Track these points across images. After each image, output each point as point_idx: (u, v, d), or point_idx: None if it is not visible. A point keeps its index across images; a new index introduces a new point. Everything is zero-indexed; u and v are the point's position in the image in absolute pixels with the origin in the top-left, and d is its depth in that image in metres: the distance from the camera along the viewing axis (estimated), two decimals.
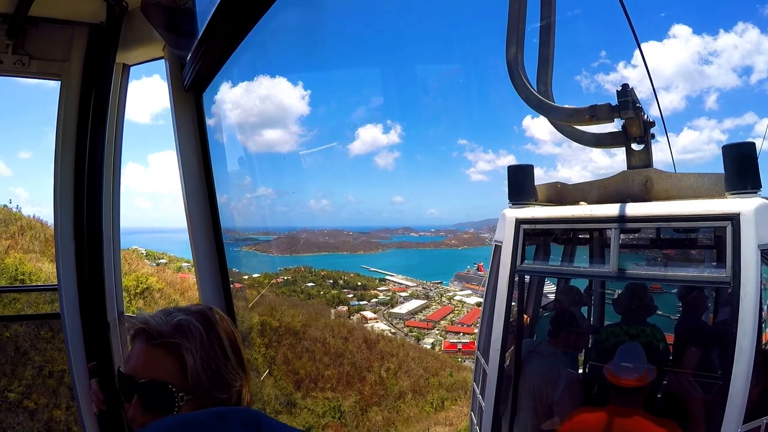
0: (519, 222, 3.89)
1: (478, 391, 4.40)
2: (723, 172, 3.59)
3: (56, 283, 3.96)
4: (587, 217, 3.67)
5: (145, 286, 27.39)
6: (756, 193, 3.22)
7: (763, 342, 3.79)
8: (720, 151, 3.45)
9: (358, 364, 32.01)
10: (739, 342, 2.97)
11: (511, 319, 4.00)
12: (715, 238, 4.04)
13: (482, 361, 4.27)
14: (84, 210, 3.66)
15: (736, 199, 3.21)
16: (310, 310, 36.83)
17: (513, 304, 4.00)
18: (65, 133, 3.94)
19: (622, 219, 3.44)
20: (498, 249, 4.08)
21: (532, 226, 3.88)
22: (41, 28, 3.91)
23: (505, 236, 3.94)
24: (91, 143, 3.75)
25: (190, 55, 3.57)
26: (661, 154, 4.16)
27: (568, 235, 4.63)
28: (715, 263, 3.84)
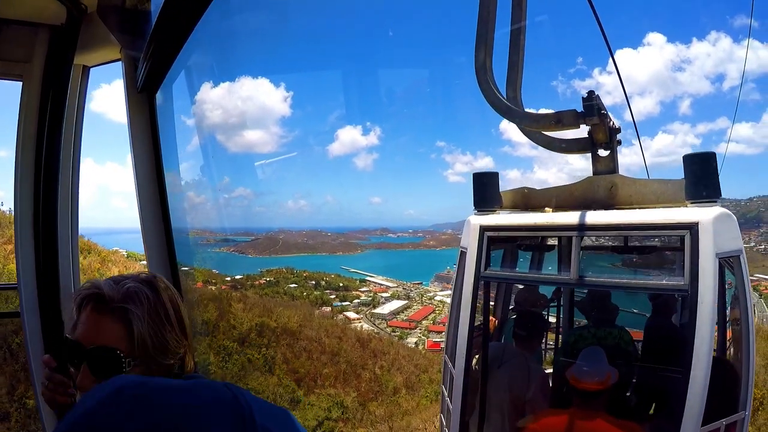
0: (483, 229, 3.90)
1: (446, 394, 4.43)
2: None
3: (16, 282, 4.01)
4: (548, 224, 3.71)
5: None
6: (715, 202, 3.26)
7: (727, 343, 3.89)
8: None
9: (354, 362, 32.97)
10: (697, 347, 3.03)
11: (477, 323, 4.03)
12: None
13: (450, 365, 4.29)
14: (41, 212, 3.74)
15: (695, 209, 3.25)
16: (298, 312, 37.28)
17: (479, 307, 4.03)
18: (26, 134, 4.00)
19: (582, 227, 3.47)
20: (463, 255, 4.10)
21: (496, 233, 3.90)
22: (4, 29, 3.94)
23: (470, 243, 3.96)
24: (48, 143, 3.81)
25: (141, 56, 3.64)
26: (636, 157, 4.22)
27: (532, 241, 4.67)
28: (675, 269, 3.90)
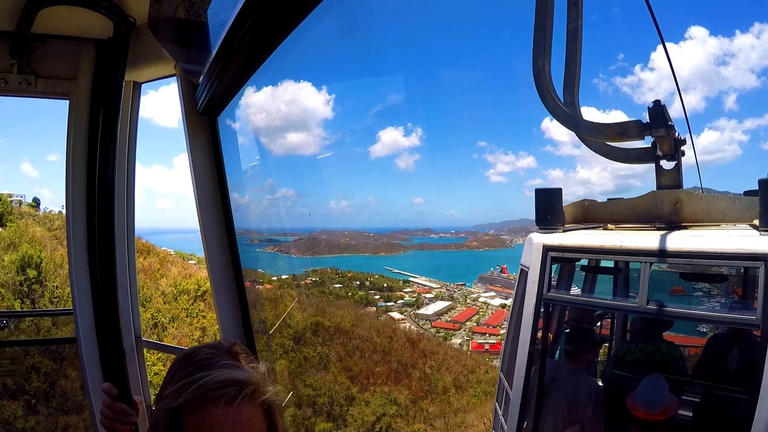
0: (546, 249, 3.79)
1: (500, 412, 4.36)
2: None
3: (72, 307, 3.97)
4: (616, 248, 3.55)
5: (204, 289, 28.83)
6: None
7: None
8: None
9: (404, 362, 33.51)
10: (765, 385, 2.88)
11: (536, 344, 3.95)
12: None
13: (505, 384, 4.22)
14: (96, 234, 3.44)
15: None
16: (349, 312, 38.31)
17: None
18: (75, 156, 3.84)
19: (652, 253, 3.31)
20: (524, 274, 4.00)
21: (560, 254, 3.79)
22: (47, 45, 3.78)
23: (532, 262, 3.85)
24: (101, 165, 3.49)
25: (202, 77, 3.43)
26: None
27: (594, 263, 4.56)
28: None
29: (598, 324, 5.78)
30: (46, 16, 3.38)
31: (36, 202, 34.60)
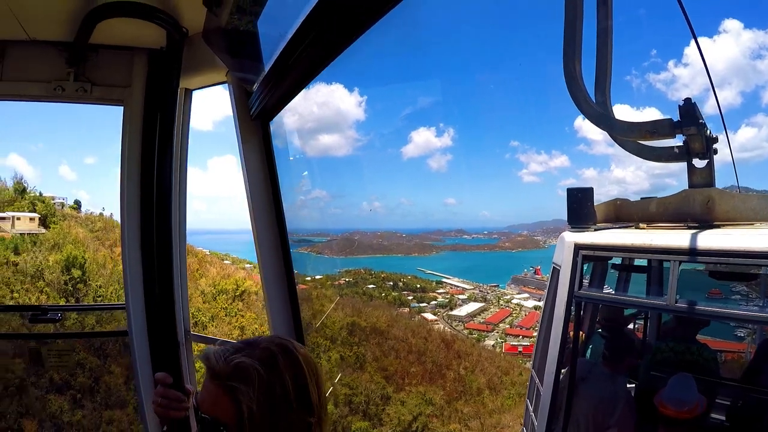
0: (578, 247, 3.84)
1: (531, 409, 4.41)
2: None
3: (124, 302, 4.11)
4: (646, 247, 3.57)
5: (243, 289, 29.34)
6: None
7: None
8: None
9: (438, 362, 33.98)
10: None
11: (567, 341, 3.98)
12: None
13: (537, 380, 4.27)
14: (153, 233, 3.66)
15: None
16: (385, 313, 38.51)
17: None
18: (130, 158, 4.00)
19: (682, 251, 3.31)
20: (556, 272, 4.05)
21: (592, 252, 3.83)
22: (101, 54, 3.97)
23: (564, 260, 3.90)
24: (158, 167, 3.73)
25: (257, 85, 3.51)
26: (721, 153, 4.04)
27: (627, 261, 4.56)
28: None
29: (631, 326, 5.74)
30: (103, 27, 3.55)
31: (77, 204, 35.77)
